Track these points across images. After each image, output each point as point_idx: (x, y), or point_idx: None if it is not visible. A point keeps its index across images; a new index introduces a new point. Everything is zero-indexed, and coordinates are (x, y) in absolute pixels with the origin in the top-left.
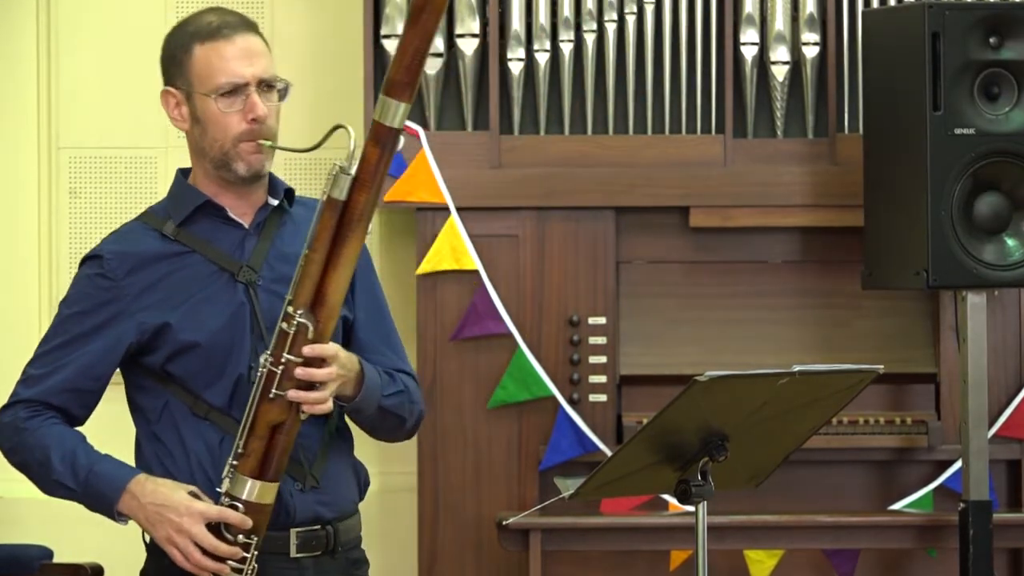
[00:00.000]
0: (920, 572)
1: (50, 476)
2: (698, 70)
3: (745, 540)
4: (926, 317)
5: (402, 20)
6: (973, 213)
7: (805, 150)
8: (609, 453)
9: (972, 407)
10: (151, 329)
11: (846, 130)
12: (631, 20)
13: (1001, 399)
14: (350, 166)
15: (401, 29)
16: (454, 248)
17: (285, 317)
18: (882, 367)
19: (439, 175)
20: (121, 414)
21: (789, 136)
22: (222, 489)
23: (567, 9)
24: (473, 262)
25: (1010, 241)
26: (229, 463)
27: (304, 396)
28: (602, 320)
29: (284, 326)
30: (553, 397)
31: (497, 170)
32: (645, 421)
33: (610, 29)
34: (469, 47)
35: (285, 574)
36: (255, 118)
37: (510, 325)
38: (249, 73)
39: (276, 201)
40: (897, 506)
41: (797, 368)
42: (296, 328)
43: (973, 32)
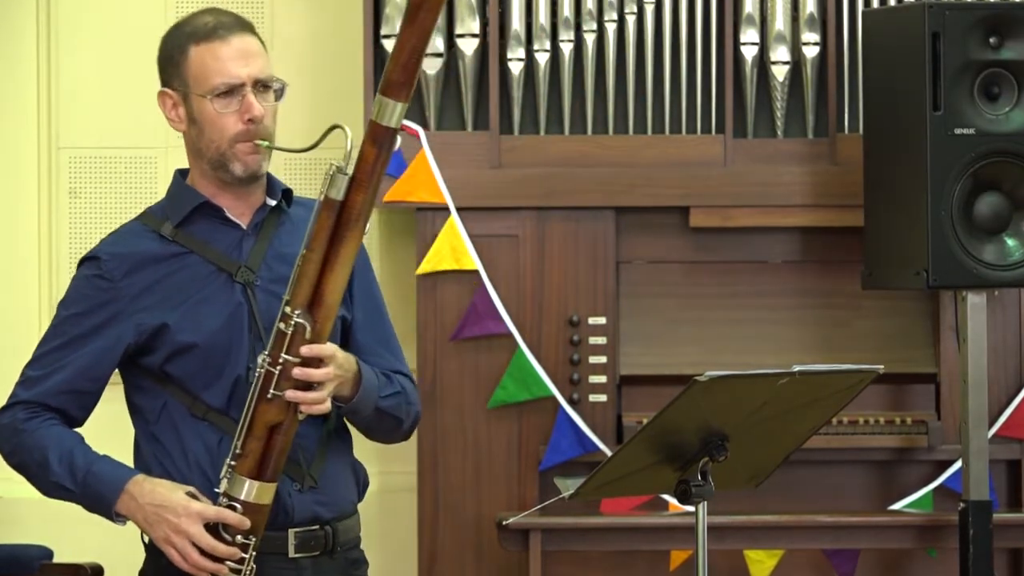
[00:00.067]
0: (920, 572)
1: (48, 477)
2: (698, 70)
3: (745, 540)
4: (926, 317)
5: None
6: (973, 213)
7: (805, 150)
8: (609, 453)
9: (972, 407)
10: (149, 330)
11: (846, 130)
12: (631, 20)
13: (1001, 399)
14: (347, 166)
15: None
16: (454, 248)
17: (283, 317)
18: (882, 367)
19: (439, 175)
20: (120, 414)
21: (789, 136)
22: (220, 489)
23: (567, 9)
24: (473, 262)
25: (1010, 241)
26: (227, 463)
27: (302, 396)
28: (602, 320)
29: (282, 326)
30: (553, 397)
31: (497, 170)
32: (645, 421)
33: (610, 29)
34: (469, 47)
35: (283, 574)
36: (251, 118)
37: (510, 325)
38: (245, 73)
39: (274, 201)
40: (897, 506)
41: (797, 368)
42: (294, 328)
43: (973, 32)
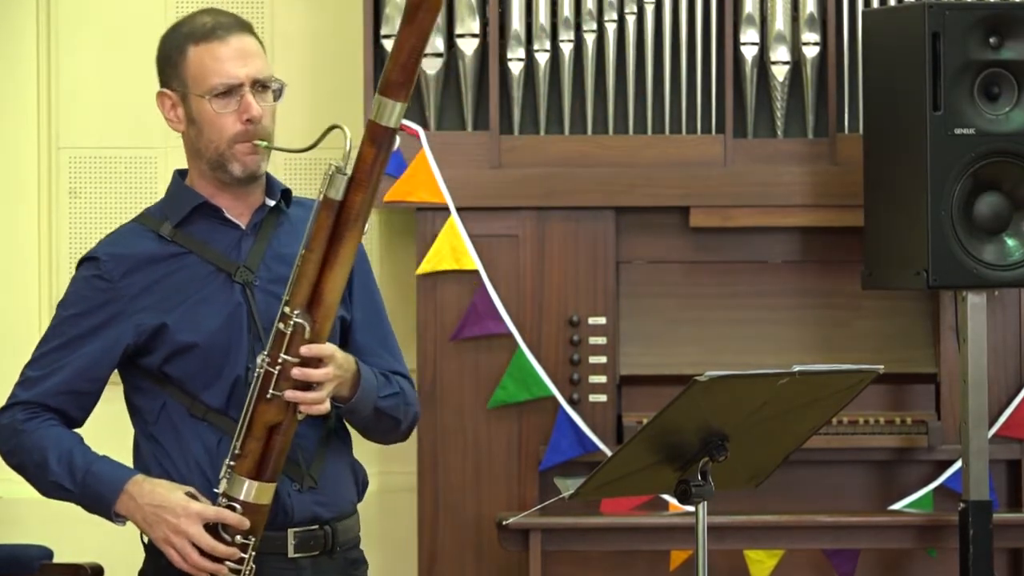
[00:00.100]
0: (920, 572)
1: (47, 477)
2: (698, 70)
3: (745, 540)
4: (926, 317)
5: None
6: (973, 213)
7: (805, 150)
8: (609, 453)
9: (972, 407)
10: (148, 330)
11: (846, 130)
12: (631, 20)
13: (1001, 399)
14: (346, 166)
15: None
16: (454, 248)
17: (282, 317)
18: (882, 367)
19: (439, 175)
20: (119, 414)
21: (789, 136)
22: (219, 490)
23: (567, 9)
24: (473, 262)
25: (1010, 241)
26: (226, 464)
27: (301, 396)
28: (602, 320)
29: (281, 326)
30: (553, 397)
31: (497, 170)
32: (645, 421)
33: (610, 29)
34: (469, 47)
35: (283, 574)
36: (250, 119)
37: (510, 325)
38: (243, 74)
39: (273, 202)
40: (897, 506)
41: (797, 368)
42: (293, 328)
43: (973, 32)
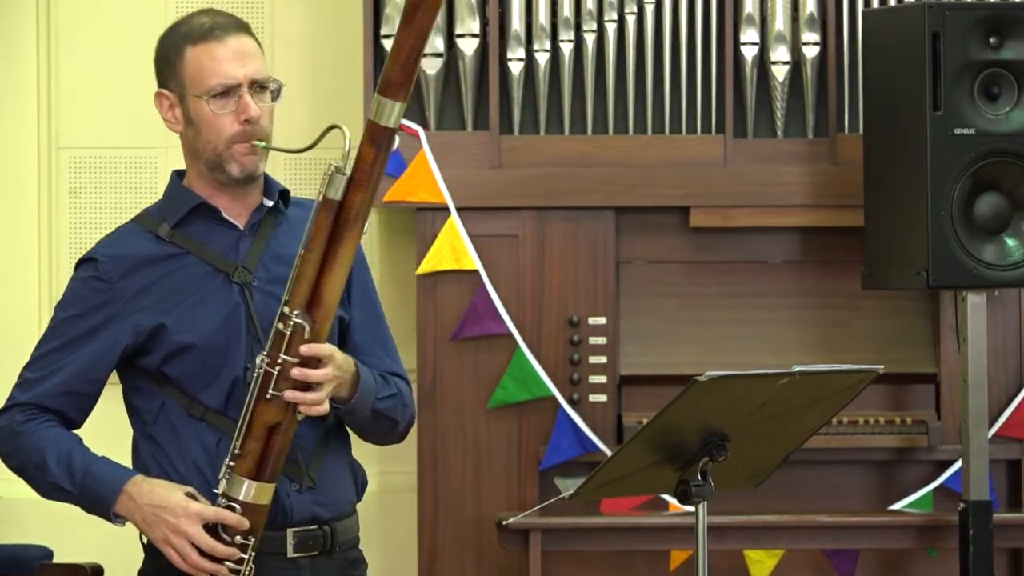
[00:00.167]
0: (920, 572)
1: (47, 478)
2: (698, 70)
3: (745, 540)
4: (926, 317)
5: None
6: (973, 213)
7: (805, 150)
8: (609, 453)
9: (972, 407)
10: (147, 331)
11: (846, 130)
12: (631, 20)
13: (1001, 399)
14: (346, 166)
15: None
16: (454, 248)
17: (281, 318)
18: (882, 367)
19: (439, 175)
20: (118, 414)
21: (789, 136)
22: (219, 490)
23: (567, 9)
24: (473, 262)
25: (1010, 241)
26: (226, 464)
27: (301, 397)
28: (602, 320)
29: (280, 327)
30: (553, 397)
31: (497, 170)
32: (645, 421)
33: (610, 29)
34: (469, 47)
35: (282, 574)
36: (248, 119)
37: (510, 325)
38: (241, 74)
39: (271, 202)
40: (897, 506)
41: (797, 368)
42: (292, 329)
43: (973, 32)
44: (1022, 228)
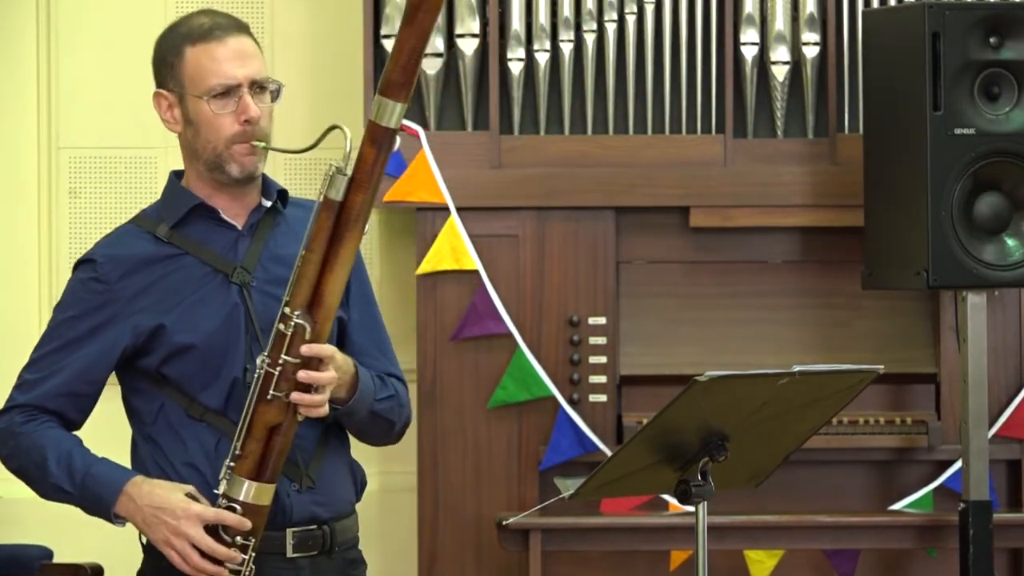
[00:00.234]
0: (920, 572)
1: (47, 479)
2: (698, 70)
3: (745, 540)
4: (926, 317)
5: None
6: (973, 213)
7: (805, 150)
8: (609, 453)
9: (972, 407)
10: (146, 331)
11: (846, 130)
12: (631, 20)
13: (1001, 399)
14: (346, 167)
15: None
16: (454, 248)
17: (282, 318)
18: (882, 367)
19: (439, 175)
20: (118, 414)
21: (789, 136)
22: (219, 491)
23: (567, 9)
24: (473, 262)
25: (1010, 241)
26: (226, 464)
27: (305, 399)
28: (602, 320)
29: (281, 327)
30: (553, 397)
31: (497, 170)
32: (645, 421)
33: (610, 29)
34: (469, 47)
35: (282, 574)
36: (248, 119)
37: (510, 325)
38: (241, 74)
39: (269, 202)
40: (897, 506)
41: (797, 368)
42: (294, 329)
43: (973, 32)
44: (1022, 228)
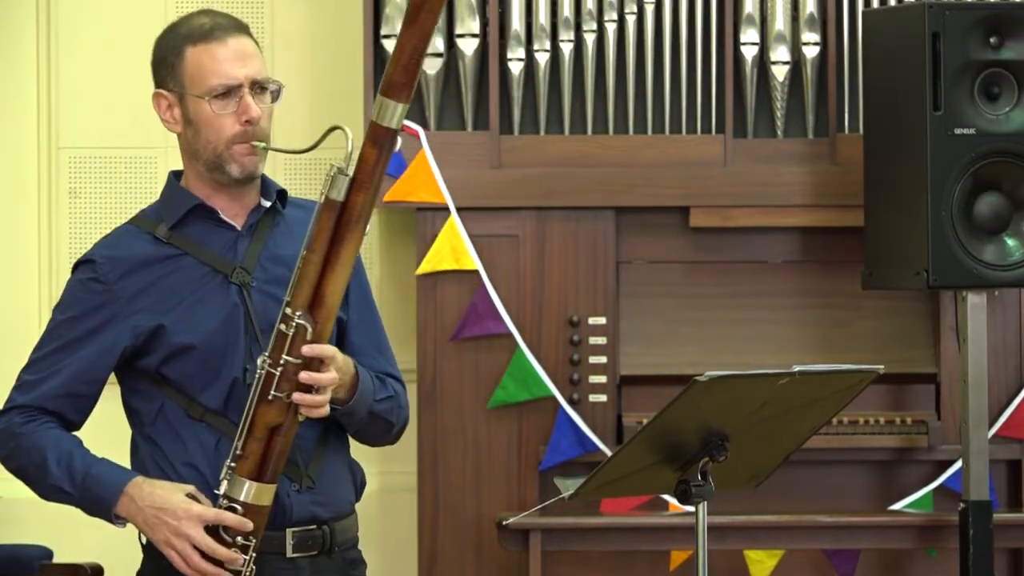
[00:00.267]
0: (920, 572)
1: (47, 480)
2: (698, 70)
3: (745, 540)
4: (926, 317)
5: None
6: (973, 213)
7: (805, 150)
8: (609, 453)
9: (972, 407)
10: (145, 332)
11: (846, 130)
12: (631, 20)
13: (1001, 399)
14: (348, 167)
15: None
16: (454, 248)
17: (283, 319)
18: (882, 367)
19: (439, 175)
20: (118, 414)
21: (789, 136)
22: (220, 491)
23: (567, 9)
24: (473, 262)
25: (1010, 241)
26: (227, 465)
27: (307, 399)
28: (602, 320)
29: (282, 327)
30: (553, 397)
31: (497, 170)
32: (645, 421)
33: (610, 29)
34: (469, 47)
35: (281, 574)
36: (249, 120)
37: (510, 325)
38: (242, 75)
39: (269, 203)
40: (897, 506)
41: (797, 368)
42: (295, 329)
43: (973, 32)
44: (1022, 228)
